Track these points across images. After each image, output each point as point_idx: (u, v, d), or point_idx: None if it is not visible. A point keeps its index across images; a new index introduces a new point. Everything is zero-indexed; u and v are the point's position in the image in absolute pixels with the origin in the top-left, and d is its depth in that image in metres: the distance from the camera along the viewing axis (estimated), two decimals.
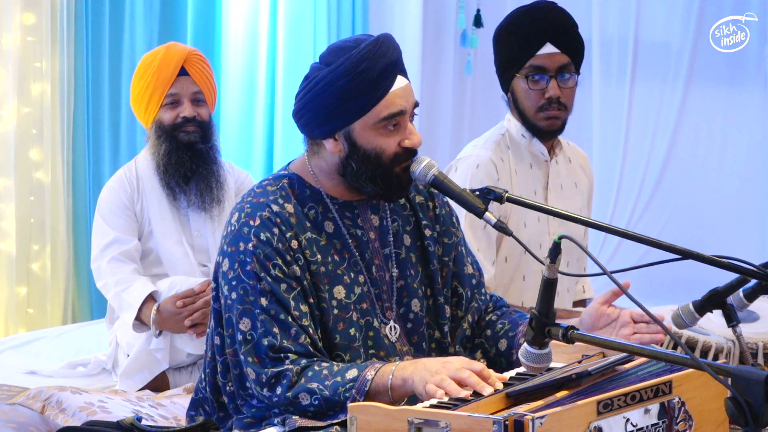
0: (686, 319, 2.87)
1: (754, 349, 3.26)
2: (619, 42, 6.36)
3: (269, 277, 2.51)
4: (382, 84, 2.52)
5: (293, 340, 2.50)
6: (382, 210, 2.71)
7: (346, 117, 2.54)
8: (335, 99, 2.52)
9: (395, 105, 2.54)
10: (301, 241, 2.56)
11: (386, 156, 2.56)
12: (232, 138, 5.77)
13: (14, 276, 5.20)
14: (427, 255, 2.74)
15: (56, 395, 3.25)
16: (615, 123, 6.42)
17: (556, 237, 2.14)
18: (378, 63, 2.51)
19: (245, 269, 2.52)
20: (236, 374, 2.59)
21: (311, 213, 2.61)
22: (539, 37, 3.47)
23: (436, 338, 2.74)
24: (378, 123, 2.54)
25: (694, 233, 6.11)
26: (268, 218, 2.54)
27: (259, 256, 2.52)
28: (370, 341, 2.63)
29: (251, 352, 2.51)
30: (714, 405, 2.30)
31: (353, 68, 2.50)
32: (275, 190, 2.61)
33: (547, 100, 3.48)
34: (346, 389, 2.43)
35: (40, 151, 5.26)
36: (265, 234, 2.53)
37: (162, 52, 3.95)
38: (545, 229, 3.62)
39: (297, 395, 2.46)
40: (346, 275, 2.61)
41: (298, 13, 5.91)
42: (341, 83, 2.51)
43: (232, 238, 2.57)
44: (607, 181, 6.35)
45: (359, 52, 2.51)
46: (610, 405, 2.09)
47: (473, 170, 3.50)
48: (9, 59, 5.14)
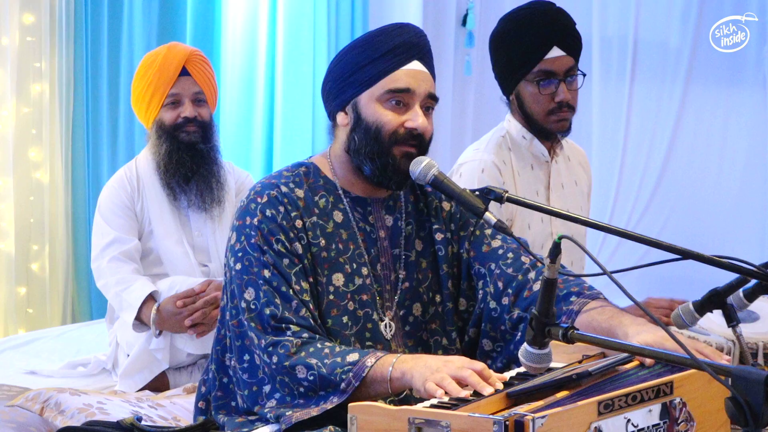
0: (686, 319, 2.87)
1: (754, 349, 3.26)
2: (618, 42, 6.35)
3: (272, 251, 2.56)
4: (393, 59, 2.60)
5: (294, 312, 2.53)
6: (397, 211, 2.72)
7: (355, 86, 2.61)
8: (348, 67, 2.62)
9: (402, 81, 2.60)
10: (306, 223, 2.61)
11: (385, 131, 2.59)
12: (231, 138, 5.77)
13: (13, 276, 5.20)
14: (437, 260, 2.75)
15: (55, 397, 3.25)
16: (614, 122, 6.41)
17: (556, 237, 2.14)
18: (393, 39, 2.60)
19: (250, 242, 2.58)
20: (238, 345, 2.61)
21: (321, 201, 2.66)
22: (547, 41, 3.46)
23: (443, 345, 2.74)
24: (382, 95, 2.60)
25: (694, 233, 6.10)
26: (275, 197, 2.61)
27: (263, 231, 2.58)
28: (368, 333, 2.64)
29: (255, 320, 2.55)
30: (715, 405, 2.30)
31: (368, 41, 2.62)
32: (289, 176, 2.67)
33: (557, 104, 3.49)
34: (343, 371, 2.43)
35: (40, 151, 5.26)
36: (271, 210, 2.59)
37: (163, 53, 3.95)
38: (548, 230, 3.62)
39: (294, 366, 2.47)
40: (348, 265, 2.63)
41: (298, 12, 5.90)
42: (355, 52, 2.62)
43: (240, 213, 2.63)
44: (606, 180, 6.34)
45: (379, 29, 2.64)
46: (611, 405, 2.09)
47: (479, 175, 3.49)
48: (8, 59, 5.14)
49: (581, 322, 2.54)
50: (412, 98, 2.60)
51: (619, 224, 6.09)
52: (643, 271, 2.43)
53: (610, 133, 6.42)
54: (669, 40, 6.31)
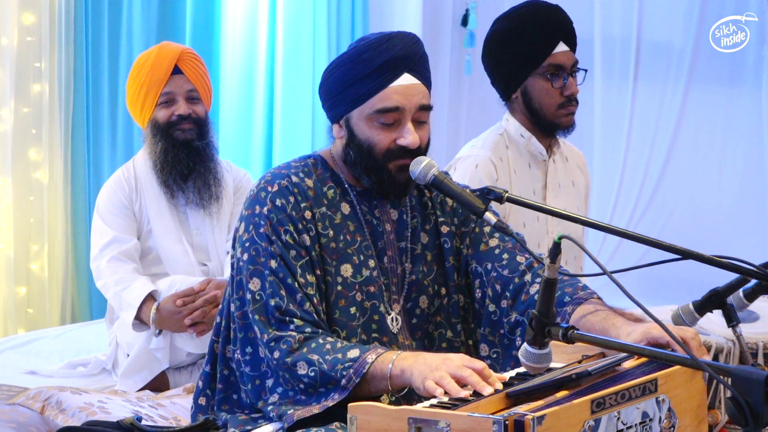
0: (686, 319, 2.87)
1: (754, 349, 3.26)
2: (621, 42, 6.36)
3: (280, 242, 2.55)
4: (381, 76, 2.54)
5: (298, 305, 2.52)
6: (402, 204, 2.72)
7: (345, 104, 2.59)
8: (337, 84, 2.59)
9: (391, 100, 2.55)
10: (315, 214, 2.60)
11: (378, 150, 2.58)
12: (230, 137, 5.77)
13: (13, 276, 5.20)
14: (443, 252, 2.75)
15: (56, 395, 3.26)
16: (617, 122, 6.41)
17: (556, 237, 2.14)
18: (381, 55, 2.54)
19: (258, 231, 2.57)
20: (241, 337, 2.60)
21: (330, 192, 2.65)
22: (554, 37, 3.51)
23: (448, 338, 2.74)
24: (372, 115, 2.56)
25: (694, 233, 6.10)
26: (285, 186, 2.59)
27: (272, 220, 2.56)
28: (375, 324, 2.63)
29: (259, 311, 2.54)
30: (695, 402, 2.30)
31: (356, 56, 2.56)
32: (298, 166, 2.66)
33: (567, 98, 3.53)
34: (344, 367, 2.43)
35: (39, 151, 5.26)
36: (281, 200, 2.58)
37: (155, 52, 3.97)
38: (544, 229, 3.63)
39: (296, 363, 2.47)
40: (356, 256, 2.63)
41: (298, 12, 5.90)
42: (343, 69, 2.57)
43: (249, 202, 2.62)
44: (608, 180, 6.35)
45: (367, 42, 2.57)
46: (602, 404, 2.10)
47: (473, 170, 3.52)
48: (8, 59, 5.14)
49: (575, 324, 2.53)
50: (403, 115, 2.56)
51: (620, 223, 6.11)
52: (643, 271, 2.43)
53: (612, 132, 6.42)
54: (671, 40, 6.31)
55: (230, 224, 4.01)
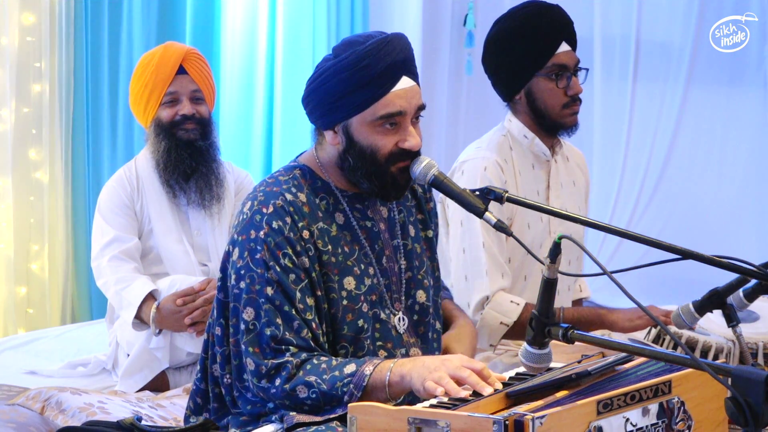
0: (686, 319, 2.87)
1: (754, 349, 3.26)
2: (621, 41, 6.35)
3: (278, 267, 2.51)
4: (383, 83, 2.52)
5: (295, 333, 2.49)
6: (389, 202, 2.71)
7: (344, 111, 2.55)
8: (335, 92, 2.54)
9: (394, 105, 2.54)
10: (313, 231, 2.56)
11: (381, 154, 2.56)
12: (230, 138, 5.77)
13: (13, 276, 5.20)
14: (431, 245, 2.77)
15: (56, 396, 3.26)
16: (616, 122, 6.41)
17: (556, 237, 2.14)
18: (381, 62, 2.52)
19: (254, 257, 2.52)
20: (236, 365, 2.59)
21: (323, 203, 2.62)
22: (557, 36, 3.52)
23: (437, 329, 2.76)
24: (375, 121, 2.54)
25: (694, 233, 6.10)
26: (281, 206, 2.54)
27: (269, 245, 2.51)
28: (378, 333, 2.62)
29: (253, 342, 2.51)
30: (713, 405, 2.30)
31: (355, 64, 2.52)
32: (288, 179, 2.61)
33: (571, 98, 3.54)
34: (344, 384, 2.42)
35: (39, 151, 5.26)
36: (278, 222, 2.53)
37: (160, 52, 3.96)
38: (546, 229, 3.63)
39: (295, 388, 2.46)
40: (356, 266, 2.61)
41: (298, 12, 5.90)
42: (342, 77, 2.52)
43: (243, 227, 2.56)
44: (607, 180, 6.34)
45: (365, 48, 2.52)
46: (609, 405, 2.09)
47: (482, 173, 3.51)
48: (8, 59, 5.14)
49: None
50: (404, 118, 2.56)
51: (620, 223, 6.10)
52: (643, 271, 2.43)
53: (612, 132, 6.42)
54: (671, 40, 6.31)
55: (231, 225, 4.01)
